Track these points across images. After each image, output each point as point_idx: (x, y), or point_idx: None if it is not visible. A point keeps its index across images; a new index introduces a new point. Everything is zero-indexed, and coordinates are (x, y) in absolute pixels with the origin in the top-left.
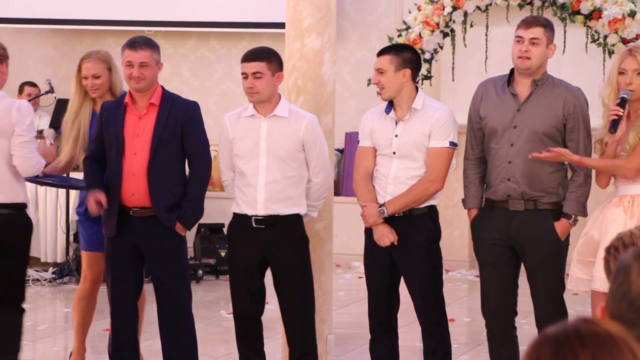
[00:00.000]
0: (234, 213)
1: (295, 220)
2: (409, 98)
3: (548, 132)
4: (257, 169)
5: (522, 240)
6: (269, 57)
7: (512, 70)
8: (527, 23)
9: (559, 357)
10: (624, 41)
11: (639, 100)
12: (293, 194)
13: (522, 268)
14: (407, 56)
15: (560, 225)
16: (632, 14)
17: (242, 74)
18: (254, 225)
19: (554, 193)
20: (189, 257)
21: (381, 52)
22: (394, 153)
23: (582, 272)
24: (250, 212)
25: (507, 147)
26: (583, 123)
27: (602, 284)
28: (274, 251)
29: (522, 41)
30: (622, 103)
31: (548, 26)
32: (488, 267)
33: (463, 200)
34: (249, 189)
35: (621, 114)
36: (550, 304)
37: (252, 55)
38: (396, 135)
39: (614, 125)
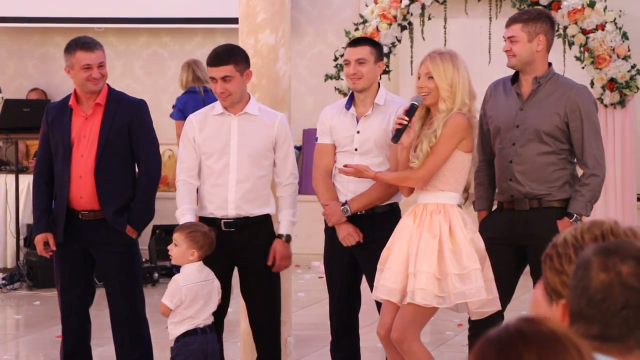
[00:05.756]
0: (200, 217)
1: (266, 221)
2: (374, 92)
3: (550, 131)
4: (227, 167)
5: (526, 240)
6: (235, 58)
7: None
8: (508, 21)
9: (503, 358)
10: (584, 32)
11: (436, 105)
12: (263, 194)
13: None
14: (381, 49)
15: (562, 225)
16: (591, 4)
17: (211, 78)
18: (223, 228)
19: (559, 191)
20: (144, 259)
21: (358, 43)
22: (355, 150)
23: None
24: (219, 214)
25: (509, 147)
26: (588, 122)
27: (385, 292)
28: (244, 254)
29: (505, 39)
30: (411, 111)
31: (541, 19)
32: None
33: (473, 202)
34: (219, 189)
35: (405, 122)
36: None
37: (219, 59)
38: (358, 132)
39: (397, 134)
